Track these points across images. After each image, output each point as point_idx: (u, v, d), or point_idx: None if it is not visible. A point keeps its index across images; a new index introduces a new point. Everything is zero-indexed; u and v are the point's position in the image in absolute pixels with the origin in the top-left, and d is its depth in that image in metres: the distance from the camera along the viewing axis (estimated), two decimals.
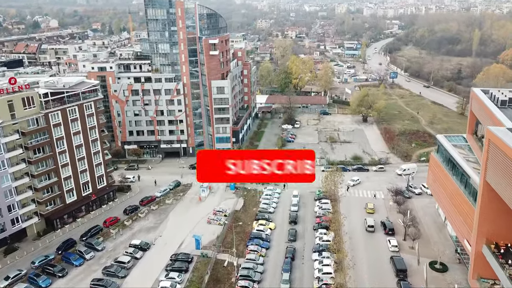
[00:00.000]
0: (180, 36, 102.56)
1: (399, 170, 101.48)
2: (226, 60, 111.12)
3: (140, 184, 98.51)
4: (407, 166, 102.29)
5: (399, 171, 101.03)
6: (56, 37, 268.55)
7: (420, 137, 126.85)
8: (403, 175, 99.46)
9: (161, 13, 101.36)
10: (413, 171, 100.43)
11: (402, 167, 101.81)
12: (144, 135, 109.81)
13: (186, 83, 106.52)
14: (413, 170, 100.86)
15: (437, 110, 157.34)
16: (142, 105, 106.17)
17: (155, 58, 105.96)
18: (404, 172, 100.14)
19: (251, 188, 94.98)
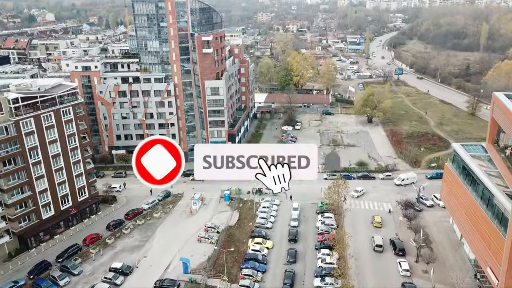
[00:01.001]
0: (171, 32, 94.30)
1: (397, 179, 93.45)
2: (221, 58, 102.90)
3: (127, 194, 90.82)
4: (406, 175, 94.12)
5: (397, 181, 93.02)
6: (49, 31, 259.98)
7: (429, 140, 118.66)
8: (402, 185, 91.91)
9: (149, 8, 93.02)
10: (412, 181, 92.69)
11: (400, 177, 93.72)
12: (132, 139, 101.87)
13: (177, 84, 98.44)
14: (413, 179, 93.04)
15: (446, 109, 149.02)
16: (130, 107, 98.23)
17: (143, 56, 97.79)
18: (403, 182, 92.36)
19: (247, 199, 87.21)
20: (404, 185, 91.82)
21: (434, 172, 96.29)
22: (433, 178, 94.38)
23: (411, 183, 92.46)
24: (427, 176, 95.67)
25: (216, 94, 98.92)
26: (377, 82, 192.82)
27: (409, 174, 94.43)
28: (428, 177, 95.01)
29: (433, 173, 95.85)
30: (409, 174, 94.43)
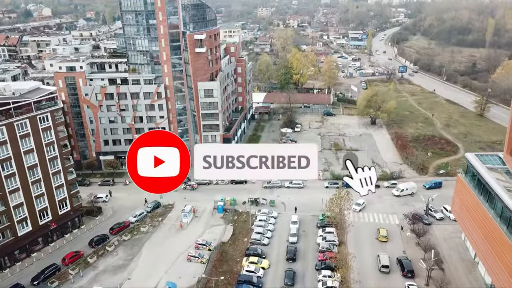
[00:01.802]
0: (161, 30, 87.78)
1: (396, 190, 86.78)
2: (215, 57, 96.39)
3: (113, 204, 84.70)
4: (405, 185, 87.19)
5: (396, 192, 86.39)
6: (43, 27, 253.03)
7: (436, 144, 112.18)
8: (402, 196, 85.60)
9: (138, 4, 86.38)
10: (412, 191, 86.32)
11: (399, 187, 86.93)
12: (121, 144, 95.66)
13: (168, 85, 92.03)
14: (412, 189, 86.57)
15: (453, 110, 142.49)
16: (118, 110, 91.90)
17: (132, 56, 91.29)
18: (402, 193, 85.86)
19: (242, 211, 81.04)
20: (404, 196, 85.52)
21: (432, 182, 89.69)
22: (431, 188, 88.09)
23: (410, 193, 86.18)
24: (425, 186, 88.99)
25: (210, 96, 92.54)
26: (380, 80, 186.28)
27: (409, 184, 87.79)
28: (426, 187, 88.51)
29: (431, 183, 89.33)
30: (409, 184, 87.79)
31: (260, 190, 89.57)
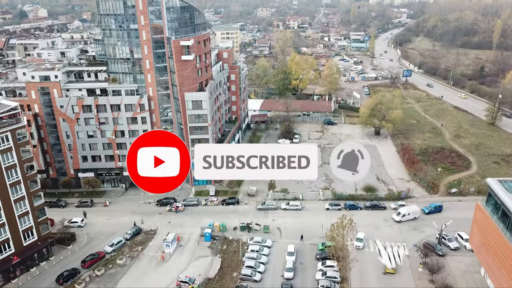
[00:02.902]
0: (143, 36, 79.19)
1: (396, 215, 77.55)
2: (205, 65, 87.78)
3: (89, 230, 76.09)
4: (407, 209, 77.92)
5: (396, 217, 77.07)
6: (33, 29, 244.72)
7: (446, 158, 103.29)
8: (403, 221, 76.60)
9: (117, 6, 77.77)
10: (414, 216, 77.30)
11: (400, 211, 77.55)
12: (101, 161, 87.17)
13: (152, 96, 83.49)
14: (415, 214, 77.45)
15: (462, 118, 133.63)
16: (97, 124, 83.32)
17: (112, 64, 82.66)
18: (404, 218, 76.66)
19: (232, 239, 72.32)
20: (406, 221, 76.65)
21: (432, 206, 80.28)
22: (431, 213, 79.23)
23: (413, 218, 77.29)
24: (424, 210, 79.53)
25: (198, 108, 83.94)
26: (384, 85, 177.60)
27: (411, 208, 78.51)
28: (426, 212, 79.22)
29: (431, 207, 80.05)
30: (411, 208, 78.51)
31: (253, 212, 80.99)
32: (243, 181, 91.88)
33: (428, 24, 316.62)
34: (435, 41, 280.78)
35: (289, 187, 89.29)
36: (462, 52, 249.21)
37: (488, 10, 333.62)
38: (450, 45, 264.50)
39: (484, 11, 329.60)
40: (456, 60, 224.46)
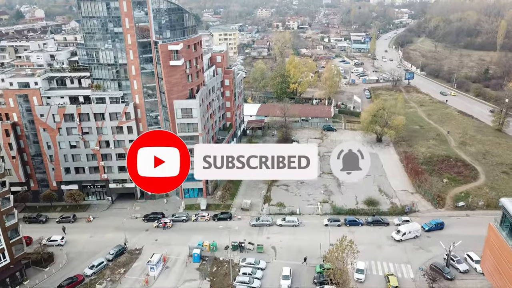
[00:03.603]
0: (128, 40, 73.77)
1: (395, 233, 71.63)
2: (196, 70, 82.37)
3: (70, 249, 70.67)
4: (407, 227, 72.05)
5: (396, 235, 71.17)
6: (27, 30, 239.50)
7: (452, 168, 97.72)
8: (403, 240, 70.90)
9: (99, 8, 72.32)
10: (415, 234, 71.63)
11: (400, 229, 71.61)
12: (85, 172, 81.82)
13: (139, 104, 78.10)
14: (416, 232, 71.76)
15: (467, 123, 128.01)
16: (80, 134, 77.92)
17: (95, 70, 77.25)
18: (404, 237, 70.85)
19: (223, 259, 66.89)
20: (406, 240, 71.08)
21: (432, 222, 74.53)
22: (431, 230, 73.70)
23: (414, 236, 71.69)
24: (424, 227, 73.74)
25: (188, 116, 78.55)
26: (386, 88, 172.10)
27: (412, 226, 72.70)
28: (426, 229, 73.53)
29: (432, 224, 74.35)
30: (412, 226, 72.70)
31: (247, 228, 75.58)
32: (237, 194, 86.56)
33: (430, 24, 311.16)
34: (437, 42, 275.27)
35: (286, 201, 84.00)
36: (465, 53, 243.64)
37: (490, 10, 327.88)
38: (452, 46, 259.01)
39: (487, 11, 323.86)
40: (459, 62, 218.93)
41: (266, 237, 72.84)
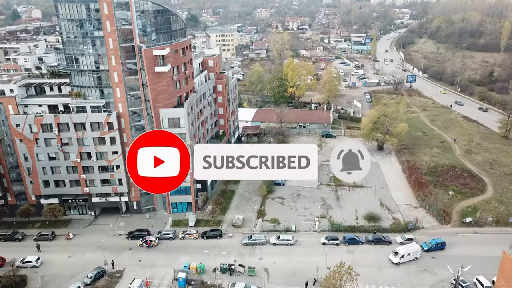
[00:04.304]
0: (109, 45, 68.32)
1: (393, 255, 65.85)
2: (184, 76, 76.94)
3: (45, 271, 65.06)
4: (406, 249, 65.99)
5: (394, 258, 65.35)
6: (20, 31, 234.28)
7: (457, 178, 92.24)
8: (402, 263, 65.16)
9: (78, 10, 66.90)
10: (415, 256, 65.91)
11: (398, 251, 65.62)
12: (65, 186, 76.45)
13: (122, 113, 72.66)
14: (416, 254, 65.98)
15: (472, 130, 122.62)
16: (59, 145, 72.50)
17: (75, 77, 71.83)
18: (403, 259, 64.96)
19: (211, 284, 61.41)
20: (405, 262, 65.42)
21: (433, 242, 68.74)
22: (431, 250, 68.08)
23: (413, 258, 66.04)
24: (423, 247, 67.90)
25: (176, 126, 73.15)
26: (387, 91, 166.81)
27: (411, 247, 66.56)
28: (425, 249, 67.76)
29: (432, 243, 68.61)
30: (411, 247, 66.56)
31: (238, 247, 70.12)
32: (229, 208, 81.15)
33: (432, 25, 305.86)
34: (439, 43, 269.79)
35: (281, 215, 78.56)
36: (468, 54, 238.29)
37: (493, 10, 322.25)
38: (455, 48, 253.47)
39: (489, 11, 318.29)
40: (462, 64, 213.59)
41: (258, 258, 67.36)
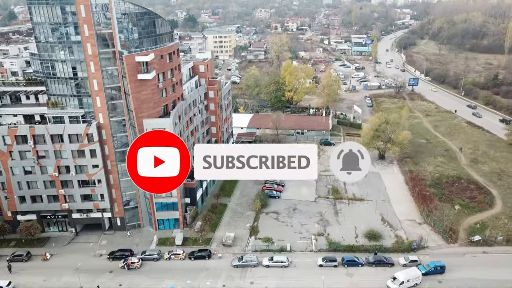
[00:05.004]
0: (88, 50, 62.95)
1: (391, 281, 60.29)
2: (171, 83, 71.55)
3: None
4: (405, 275, 60.34)
5: (392, 284, 59.85)
6: (12, 32, 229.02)
7: (464, 191, 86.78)
8: None
9: (53, 13, 61.51)
10: (415, 283, 60.20)
11: (397, 277, 60.05)
12: (43, 201, 71.14)
13: (103, 124, 67.26)
14: (416, 280, 60.26)
15: (478, 136, 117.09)
16: (35, 158, 67.16)
17: (52, 85, 66.46)
18: (403, 286, 59.38)
19: None
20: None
21: (431, 265, 63.08)
22: (430, 274, 62.36)
23: (413, 285, 60.37)
24: (421, 270, 62.07)
25: None
26: (388, 95, 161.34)
27: (412, 273, 60.85)
28: (423, 273, 61.75)
29: (430, 266, 62.99)
30: (412, 273, 60.85)
31: (227, 270, 64.69)
32: (219, 225, 75.72)
33: (434, 26, 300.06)
34: (441, 44, 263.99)
35: (275, 233, 73.12)
36: (471, 56, 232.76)
37: (495, 11, 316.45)
38: (457, 49, 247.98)
39: (491, 12, 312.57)
40: (466, 66, 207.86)
41: (249, 282, 61.98)
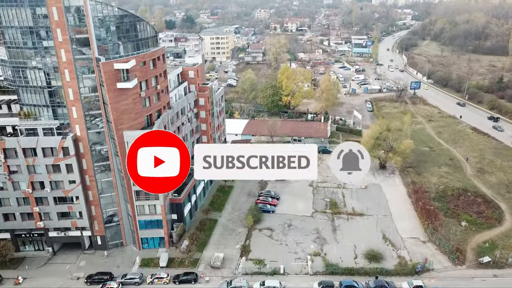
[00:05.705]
0: (62, 57, 57.57)
1: None
2: (156, 91, 66.18)
3: None
4: None
5: None
6: None
7: (470, 205, 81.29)
8: None
9: (23, 16, 56.15)
10: None
11: None
12: (16, 219, 65.84)
13: (80, 137, 61.91)
14: None
15: (483, 144, 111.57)
16: (6, 173, 61.85)
17: (23, 94, 61.12)
18: None
19: None
20: None
21: None
22: None
23: None
24: None
25: None
26: (389, 98, 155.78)
27: None
28: None
29: None
30: None
31: None
32: (208, 243, 70.25)
33: (435, 27, 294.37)
34: (443, 45, 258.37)
35: (268, 253, 67.71)
36: (474, 58, 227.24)
37: (497, 11, 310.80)
38: (460, 50, 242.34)
39: (494, 13, 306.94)
40: (469, 68, 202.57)
41: None
